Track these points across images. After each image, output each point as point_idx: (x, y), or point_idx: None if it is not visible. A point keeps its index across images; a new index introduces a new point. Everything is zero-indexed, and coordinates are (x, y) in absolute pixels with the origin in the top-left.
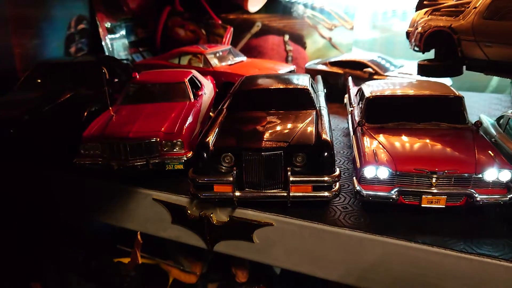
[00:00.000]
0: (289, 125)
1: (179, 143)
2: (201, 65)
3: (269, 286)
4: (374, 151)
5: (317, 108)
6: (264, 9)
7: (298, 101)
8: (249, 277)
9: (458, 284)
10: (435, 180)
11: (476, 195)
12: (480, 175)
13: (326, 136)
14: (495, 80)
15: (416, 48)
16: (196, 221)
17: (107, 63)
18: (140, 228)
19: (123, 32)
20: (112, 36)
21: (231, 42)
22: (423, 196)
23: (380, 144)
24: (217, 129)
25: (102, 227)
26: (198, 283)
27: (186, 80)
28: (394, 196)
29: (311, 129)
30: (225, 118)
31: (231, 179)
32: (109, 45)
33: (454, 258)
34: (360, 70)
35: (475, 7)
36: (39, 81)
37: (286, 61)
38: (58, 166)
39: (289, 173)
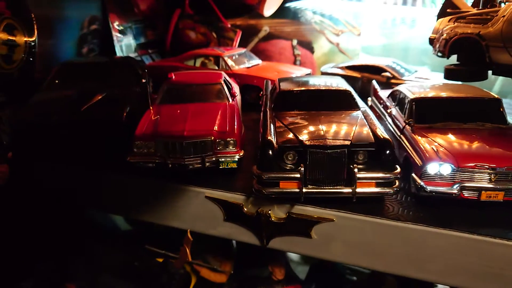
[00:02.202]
0: (342, 125)
1: (232, 141)
2: (216, 68)
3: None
4: (434, 148)
5: (361, 108)
6: (272, 15)
7: (342, 102)
8: (286, 275)
9: None
10: (494, 176)
11: None
12: None
13: (385, 134)
14: (497, 85)
15: (440, 54)
16: (253, 218)
17: (131, 64)
18: (188, 226)
19: (133, 33)
20: (123, 37)
21: (239, 46)
22: (482, 191)
23: (436, 142)
24: (272, 128)
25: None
26: (226, 283)
27: (222, 81)
28: (456, 191)
29: (366, 128)
30: (275, 118)
31: (299, 175)
32: (121, 46)
33: None
34: (377, 75)
35: (504, 16)
36: (65, 82)
37: (294, 65)
38: (103, 165)
39: (356, 170)
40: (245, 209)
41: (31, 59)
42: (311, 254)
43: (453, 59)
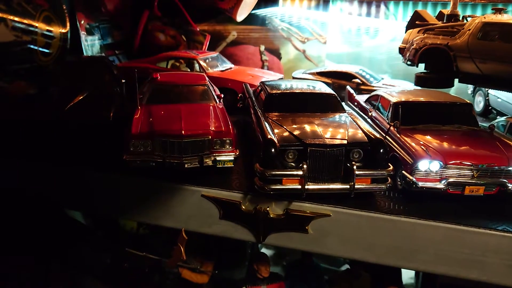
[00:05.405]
0: (335, 125)
1: (228, 141)
2: (189, 70)
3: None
4: (423, 147)
5: (347, 111)
6: (240, 21)
7: (329, 104)
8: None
9: (498, 259)
10: (476, 172)
11: (508, 185)
12: (510, 168)
13: (377, 135)
14: (453, 91)
15: (409, 62)
16: (250, 216)
17: (106, 63)
18: (182, 225)
19: (100, 33)
20: (90, 37)
21: (207, 50)
22: (466, 186)
23: (423, 141)
24: (269, 128)
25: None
26: (208, 283)
27: (208, 82)
28: (443, 186)
29: (356, 129)
30: (268, 118)
31: (301, 172)
32: (87, 46)
33: (497, 237)
34: (347, 81)
35: (469, 29)
36: None
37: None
38: (91, 165)
39: (355, 167)
40: (243, 207)
41: (64, 51)
42: (307, 248)
43: (407, 68)
